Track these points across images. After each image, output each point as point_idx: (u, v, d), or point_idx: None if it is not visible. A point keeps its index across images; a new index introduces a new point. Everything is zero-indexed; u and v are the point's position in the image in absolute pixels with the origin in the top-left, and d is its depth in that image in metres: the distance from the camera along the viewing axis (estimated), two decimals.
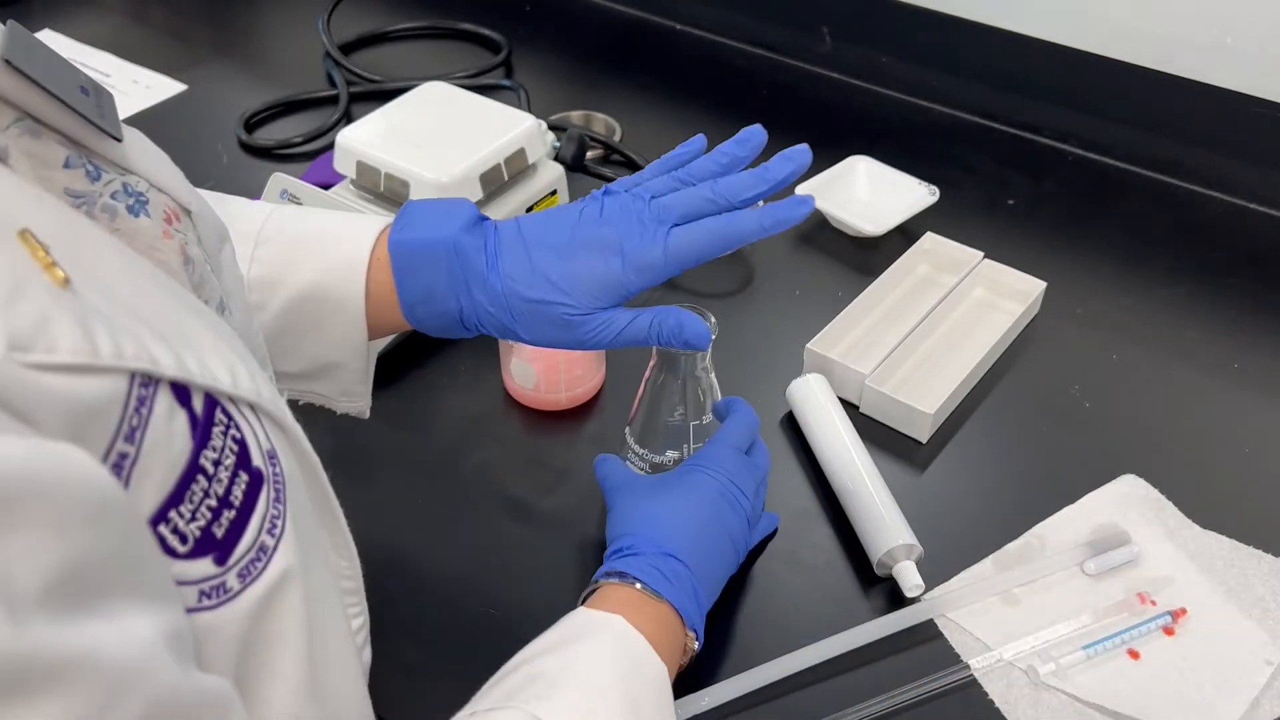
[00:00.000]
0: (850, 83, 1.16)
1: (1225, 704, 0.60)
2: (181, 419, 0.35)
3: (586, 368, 0.78)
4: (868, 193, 0.97)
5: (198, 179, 0.50)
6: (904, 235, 0.92)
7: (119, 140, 0.43)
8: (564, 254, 0.56)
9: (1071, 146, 1.06)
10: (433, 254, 0.57)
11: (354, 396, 0.65)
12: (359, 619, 0.56)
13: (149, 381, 0.34)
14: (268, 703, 0.39)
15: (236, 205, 0.61)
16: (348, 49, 1.21)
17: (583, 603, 0.57)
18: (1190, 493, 0.72)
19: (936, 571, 0.68)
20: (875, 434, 0.77)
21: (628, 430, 0.71)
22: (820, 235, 0.95)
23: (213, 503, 0.36)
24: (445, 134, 0.87)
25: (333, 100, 1.13)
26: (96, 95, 0.43)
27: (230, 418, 0.38)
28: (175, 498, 0.35)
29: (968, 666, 0.63)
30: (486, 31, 1.24)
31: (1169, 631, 0.64)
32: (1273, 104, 0.94)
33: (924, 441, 0.77)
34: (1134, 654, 0.63)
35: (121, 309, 0.35)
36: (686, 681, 0.61)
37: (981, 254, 0.87)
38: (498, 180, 0.86)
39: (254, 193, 0.87)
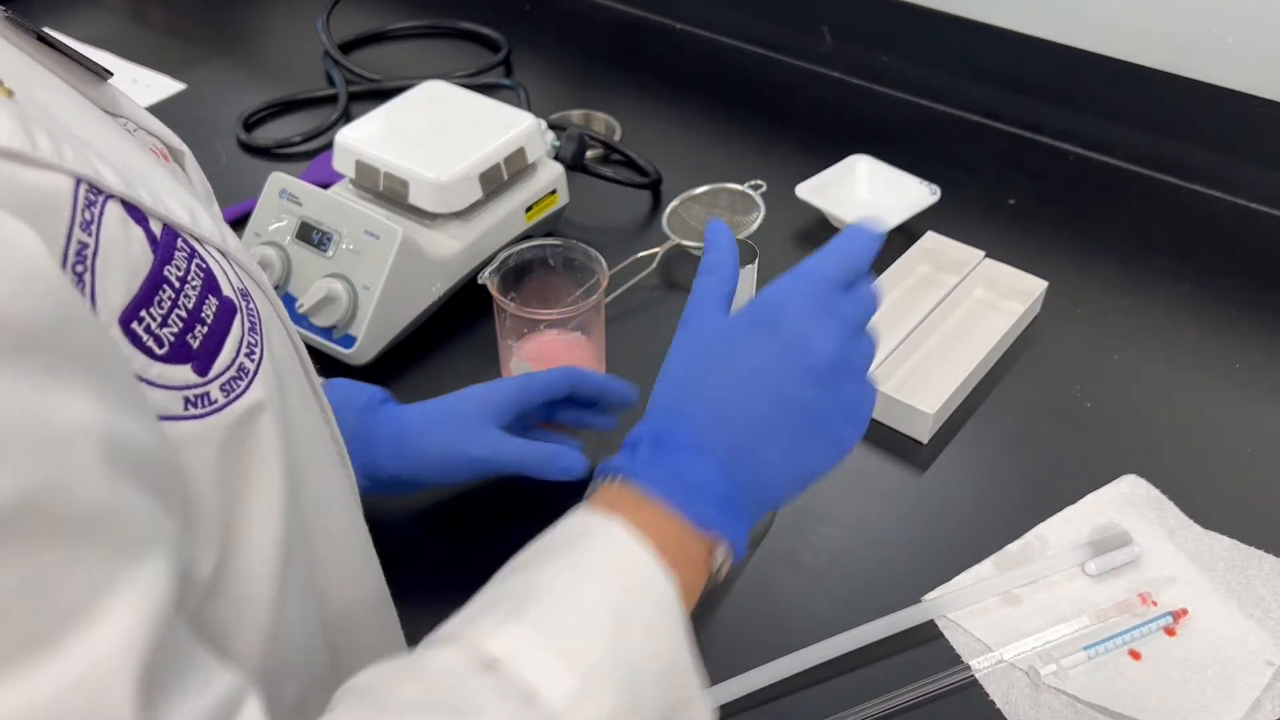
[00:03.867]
0: (851, 82, 1.16)
1: (1226, 705, 0.60)
2: (138, 232, 0.36)
3: (586, 368, 0.78)
4: (868, 192, 0.97)
5: None
6: (905, 234, 0.92)
7: (108, 76, 0.46)
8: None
9: (1073, 146, 1.06)
10: (356, 395, 0.68)
11: None
12: None
13: (96, 191, 0.35)
14: (247, 534, 0.40)
15: None
16: (347, 48, 1.21)
17: (587, 497, 0.48)
18: (1191, 493, 0.72)
19: (937, 572, 0.68)
20: (876, 434, 0.77)
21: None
22: (820, 234, 0.95)
23: (182, 314, 0.37)
24: (445, 133, 0.87)
25: (332, 99, 1.13)
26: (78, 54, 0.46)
27: (193, 249, 0.39)
28: (143, 299, 0.35)
29: (968, 667, 0.62)
30: (486, 31, 1.24)
31: (1170, 632, 0.64)
32: (1274, 103, 0.93)
33: (925, 442, 0.76)
34: (1135, 655, 0.63)
35: (69, 131, 0.35)
36: None
37: (982, 253, 0.87)
38: (497, 180, 0.86)
39: (253, 192, 0.87)
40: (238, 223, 0.95)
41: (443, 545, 0.72)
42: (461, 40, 1.25)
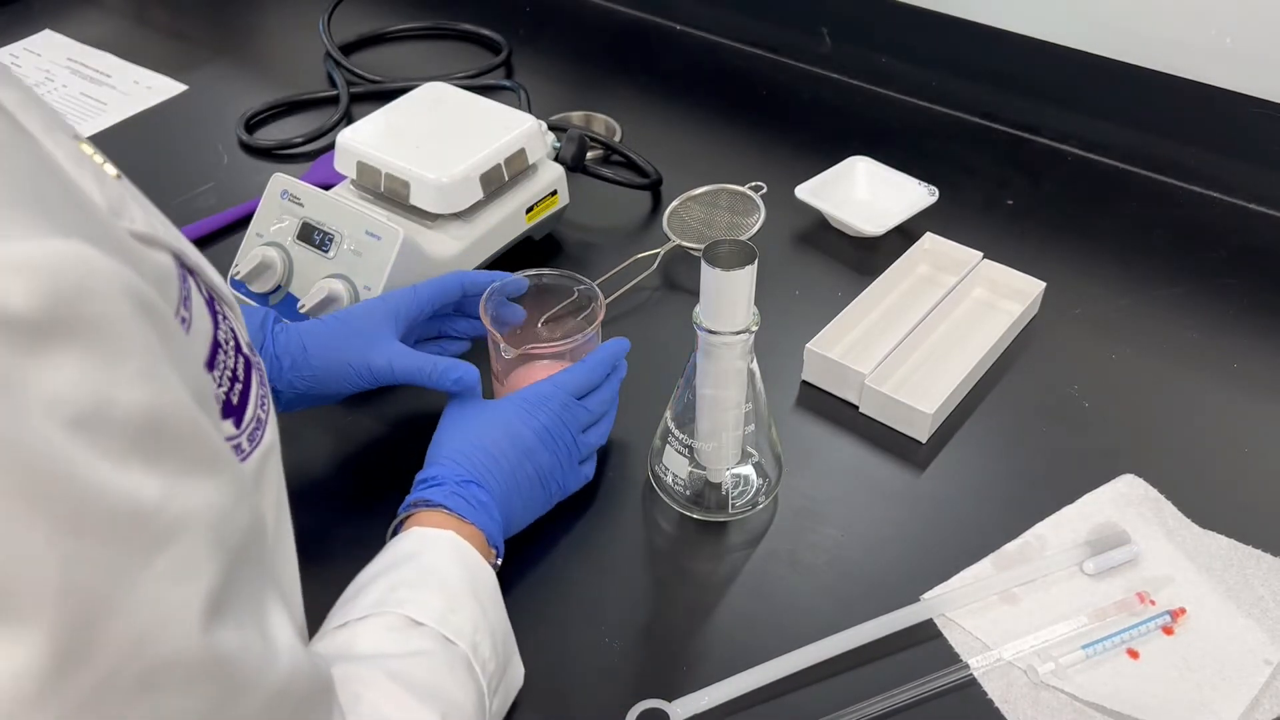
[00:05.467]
0: (850, 83, 1.16)
1: (1224, 703, 0.61)
2: (202, 299, 0.41)
3: None
4: (867, 193, 0.97)
5: (198, 179, 0.51)
6: (904, 235, 0.92)
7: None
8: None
9: (1071, 147, 1.06)
10: (250, 318, 0.71)
11: None
12: None
13: (182, 264, 0.39)
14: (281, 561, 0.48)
15: None
16: (348, 49, 1.22)
17: (394, 530, 0.62)
18: (1189, 492, 0.72)
19: (936, 571, 0.68)
20: (875, 434, 0.77)
21: (668, 413, 0.71)
22: (820, 235, 0.95)
23: (229, 373, 0.42)
24: (445, 134, 0.87)
25: (333, 100, 1.13)
26: None
27: (222, 310, 0.44)
28: (210, 363, 0.40)
29: (967, 666, 0.63)
30: (487, 32, 1.24)
31: (1168, 631, 0.64)
32: (1272, 104, 0.94)
33: (923, 441, 0.77)
34: (1133, 653, 0.63)
35: (149, 209, 0.41)
36: (687, 681, 0.62)
37: (981, 254, 0.87)
38: (498, 180, 0.86)
39: (255, 193, 0.87)
40: (239, 224, 0.95)
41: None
42: (462, 41, 1.26)
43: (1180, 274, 0.91)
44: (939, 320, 0.83)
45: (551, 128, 0.98)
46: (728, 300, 0.60)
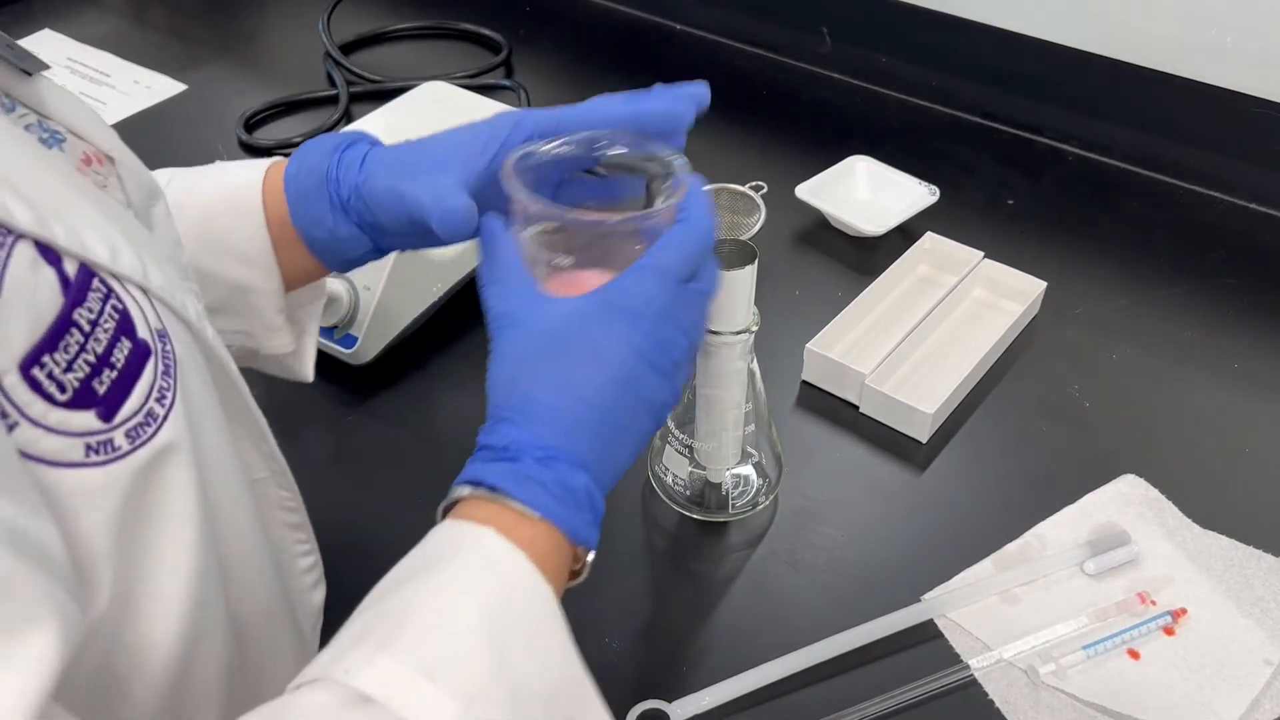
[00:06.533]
0: (850, 83, 1.16)
1: (1225, 704, 0.61)
2: (49, 274, 0.35)
3: None
4: (868, 193, 0.97)
5: None
6: (904, 235, 0.92)
7: (39, 69, 0.44)
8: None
9: (1071, 146, 1.06)
10: (316, 157, 0.57)
11: (275, 332, 0.62)
12: (309, 557, 0.57)
13: (5, 232, 0.34)
14: (155, 583, 0.39)
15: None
16: (348, 49, 1.22)
17: (444, 513, 0.46)
18: (1190, 492, 0.72)
19: (936, 571, 0.68)
20: (875, 434, 0.77)
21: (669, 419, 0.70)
22: (820, 235, 0.95)
23: (90, 358, 0.36)
24: None
25: (333, 100, 1.13)
26: (7, 43, 0.44)
27: (110, 289, 0.38)
28: (48, 344, 0.35)
29: (968, 666, 0.63)
30: (486, 31, 1.24)
31: (1169, 631, 0.64)
32: (1272, 104, 0.94)
33: (924, 441, 0.77)
34: (1134, 654, 0.63)
35: None
36: (687, 681, 0.62)
37: (981, 254, 0.87)
38: None
39: None
40: None
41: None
42: (462, 41, 1.25)
43: (1181, 274, 0.91)
44: (939, 320, 0.83)
45: None
46: (728, 300, 0.60)
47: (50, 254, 0.35)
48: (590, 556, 0.47)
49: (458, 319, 0.86)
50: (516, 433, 0.45)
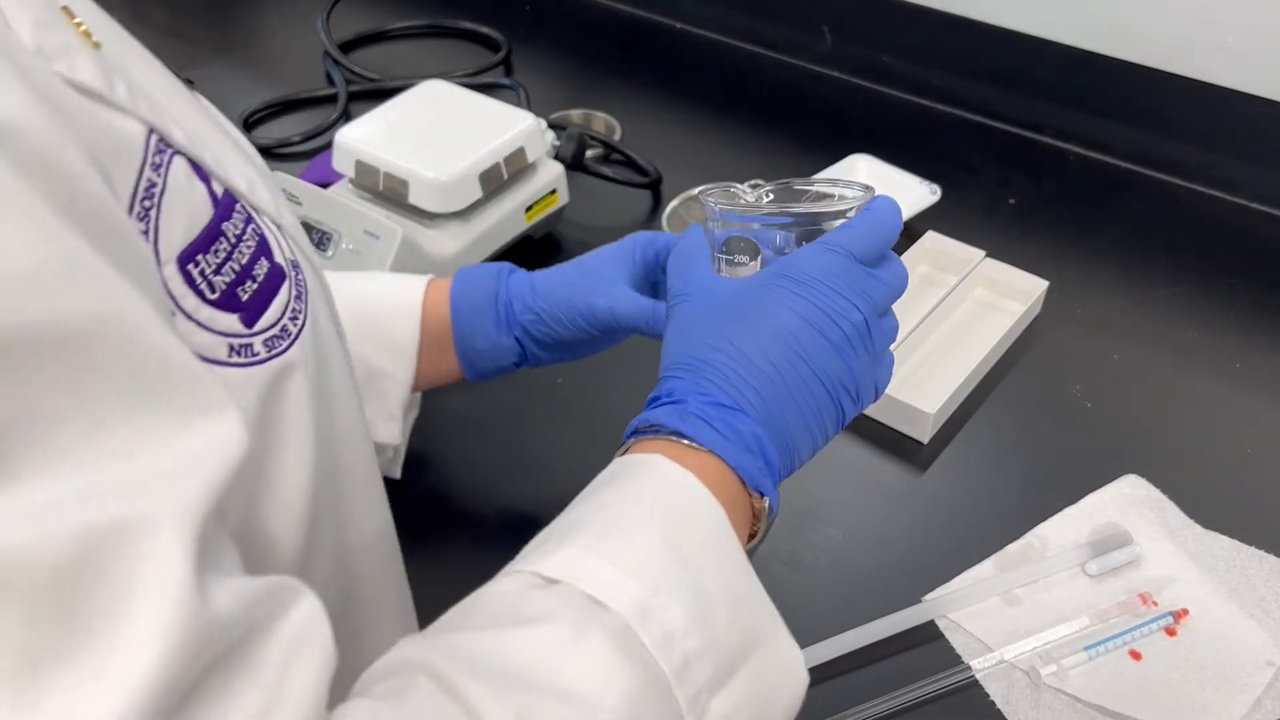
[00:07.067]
0: (851, 81, 1.16)
1: (1226, 705, 0.60)
2: (200, 188, 0.38)
3: None
4: None
5: None
6: (905, 234, 0.92)
7: (191, 84, 0.47)
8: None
9: (1073, 146, 1.05)
10: (484, 279, 0.66)
11: (391, 422, 0.67)
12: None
13: (165, 144, 0.36)
14: (276, 489, 0.41)
15: None
16: (347, 47, 1.21)
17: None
18: (1192, 493, 0.72)
19: (937, 572, 0.68)
20: (876, 434, 0.77)
21: None
22: None
23: (235, 267, 0.38)
24: (444, 133, 0.87)
25: (332, 99, 1.13)
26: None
27: (250, 215, 0.40)
28: (201, 245, 0.37)
29: (969, 667, 0.62)
30: (486, 30, 1.24)
31: (1170, 632, 0.64)
32: (1274, 103, 0.93)
33: (925, 442, 0.76)
34: (1135, 655, 0.63)
35: (146, 89, 0.37)
36: None
37: (983, 253, 0.86)
38: (497, 179, 0.86)
39: None
40: None
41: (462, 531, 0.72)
42: (461, 40, 1.25)
43: (1183, 273, 0.91)
44: (940, 320, 0.83)
45: (551, 126, 0.98)
46: None
47: (200, 172, 0.38)
48: (772, 513, 0.47)
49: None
50: (681, 385, 0.47)
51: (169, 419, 0.29)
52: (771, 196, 0.54)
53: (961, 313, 0.85)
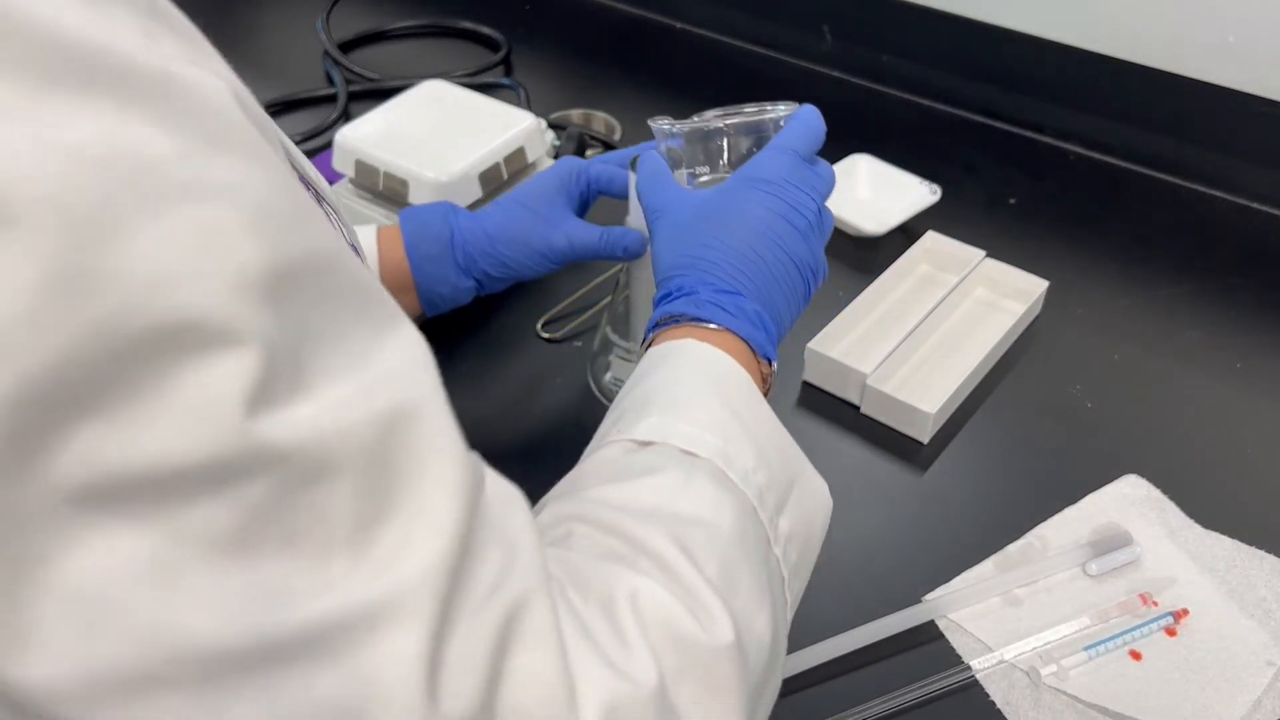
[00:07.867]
0: (851, 81, 1.16)
1: (1227, 705, 0.60)
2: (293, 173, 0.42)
3: None
4: (869, 191, 0.97)
5: None
6: (905, 234, 0.92)
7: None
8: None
9: (1074, 145, 1.05)
10: (433, 222, 0.73)
11: None
12: None
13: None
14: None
15: None
16: (347, 47, 1.21)
17: (646, 344, 0.55)
18: (1192, 493, 0.72)
19: (937, 572, 0.67)
20: (876, 434, 0.77)
21: (606, 328, 0.73)
22: None
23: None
24: (444, 133, 0.87)
25: (331, 99, 1.13)
26: None
27: (320, 197, 0.45)
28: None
29: (969, 668, 0.62)
30: (486, 30, 1.24)
31: (1171, 632, 0.64)
32: (1275, 103, 0.93)
33: (925, 442, 0.76)
34: (1136, 655, 0.63)
35: (224, 76, 0.40)
36: None
37: (983, 253, 0.86)
38: (497, 179, 0.86)
39: None
40: None
41: None
42: (461, 40, 1.25)
43: (1183, 273, 0.91)
44: (941, 320, 0.83)
45: (551, 126, 0.98)
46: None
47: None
48: (773, 373, 0.54)
49: (457, 319, 0.86)
50: (688, 280, 0.54)
51: (380, 328, 0.34)
52: (710, 117, 0.62)
53: (962, 313, 0.85)
